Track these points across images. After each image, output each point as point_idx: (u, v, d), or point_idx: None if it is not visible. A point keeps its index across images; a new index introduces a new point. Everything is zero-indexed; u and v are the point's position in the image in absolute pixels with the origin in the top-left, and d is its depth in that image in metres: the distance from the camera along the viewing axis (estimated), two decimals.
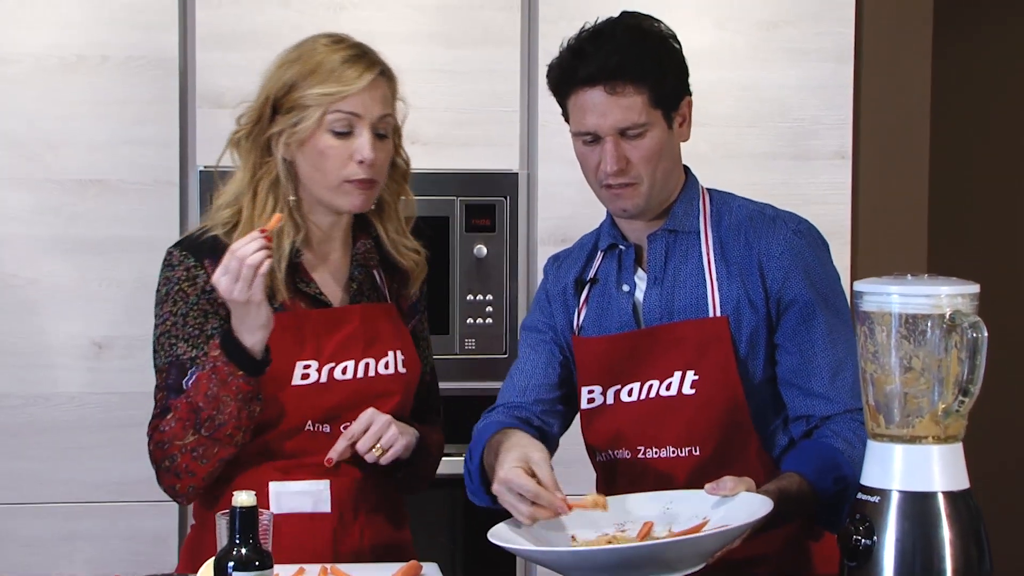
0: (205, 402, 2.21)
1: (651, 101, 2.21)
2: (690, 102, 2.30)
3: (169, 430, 2.25)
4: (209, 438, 2.22)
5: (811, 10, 3.66)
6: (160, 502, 3.46)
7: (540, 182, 3.58)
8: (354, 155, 2.28)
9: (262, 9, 3.49)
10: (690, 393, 2.23)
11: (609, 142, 2.21)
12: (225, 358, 2.20)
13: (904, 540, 1.86)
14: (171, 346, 2.29)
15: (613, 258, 2.36)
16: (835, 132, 3.68)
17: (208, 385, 2.21)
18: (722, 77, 3.61)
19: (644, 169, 2.22)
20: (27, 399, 3.43)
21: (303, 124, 2.28)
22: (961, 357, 1.85)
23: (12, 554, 3.41)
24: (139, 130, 3.45)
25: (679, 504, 2.10)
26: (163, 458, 2.27)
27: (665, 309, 2.27)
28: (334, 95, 2.27)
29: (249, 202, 2.32)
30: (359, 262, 2.41)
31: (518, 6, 3.58)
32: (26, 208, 3.42)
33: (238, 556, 1.83)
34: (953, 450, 1.89)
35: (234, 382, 2.20)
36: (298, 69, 2.31)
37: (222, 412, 2.21)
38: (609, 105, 2.20)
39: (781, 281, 2.24)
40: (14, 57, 3.42)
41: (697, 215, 2.31)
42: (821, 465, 2.12)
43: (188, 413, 2.23)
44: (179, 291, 2.30)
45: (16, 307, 3.42)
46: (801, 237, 2.27)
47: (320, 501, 2.32)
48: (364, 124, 2.29)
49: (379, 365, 2.36)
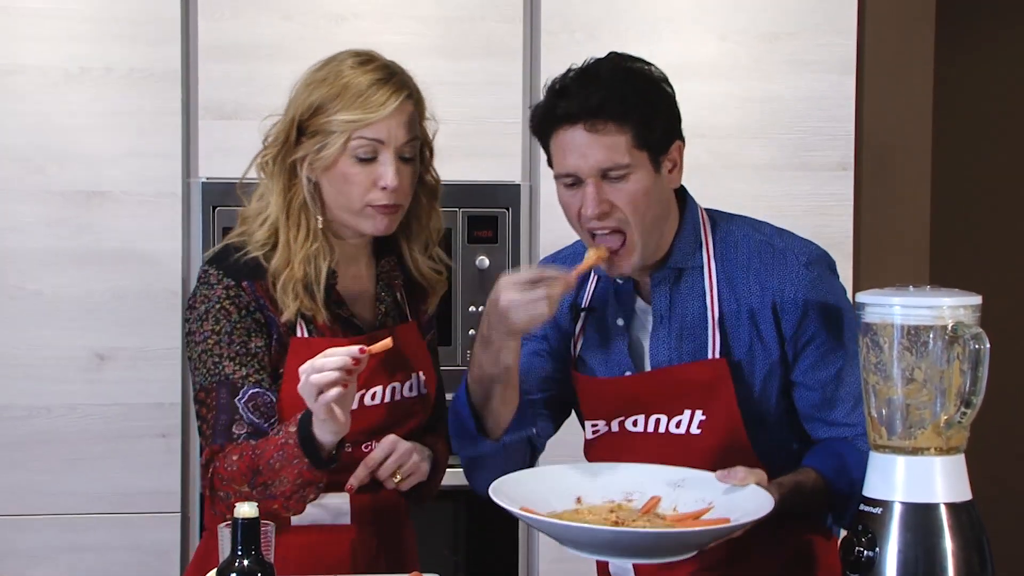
0: (266, 468, 2.18)
1: (635, 142, 2.11)
2: (681, 147, 2.20)
3: (228, 472, 2.22)
4: (261, 494, 2.20)
5: (813, 22, 3.67)
6: (162, 513, 3.47)
7: (542, 193, 3.58)
8: (377, 181, 2.25)
9: (264, 21, 3.50)
10: (696, 433, 2.21)
11: (590, 184, 2.12)
12: (297, 440, 2.15)
13: (906, 551, 1.85)
14: (215, 364, 2.25)
15: (609, 286, 2.29)
16: (837, 143, 3.69)
17: (273, 454, 2.17)
18: (724, 89, 3.62)
19: (630, 214, 2.13)
20: (29, 410, 3.43)
21: (327, 151, 2.25)
22: (963, 368, 1.85)
23: (14, 565, 3.41)
24: (142, 142, 3.46)
25: (689, 484, 2.10)
26: (219, 490, 2.24)
27: (674, 353, 2.22)
28: (358, 122, 2.23)
29: (284, 224, 2.29)
30: (384, 282, 2.41)
31: (520, 18, 3.58)
32: (29, 219, 3.43)
33: (240, 568, 1.83)
34: (955, 461, 1.89)
35: (299, 465, 2.16)
36: (324, 92, 2.26)
37: (279, 485, 2.18)
38: (590, 144, 2.10)
39: (796, 323, 2.18)
40: (18, 69, 3.42)
41: (699, 249, 2.23)
42: (841, 465, 2.12)
43: (248, 469, 2.20)
44: (220, 309, 2.26)
45: (19, 318, 3.42)
46: (812, 270, 2.20)
47: (340, 514, 2.32)
48: (388, 150, 2.25)
49: (404, 388, 2.37)
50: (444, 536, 3.59)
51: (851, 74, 3.69)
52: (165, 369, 3.46)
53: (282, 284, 2.25)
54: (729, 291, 2.21)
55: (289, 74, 3.45)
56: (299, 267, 2.26)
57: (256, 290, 2.27)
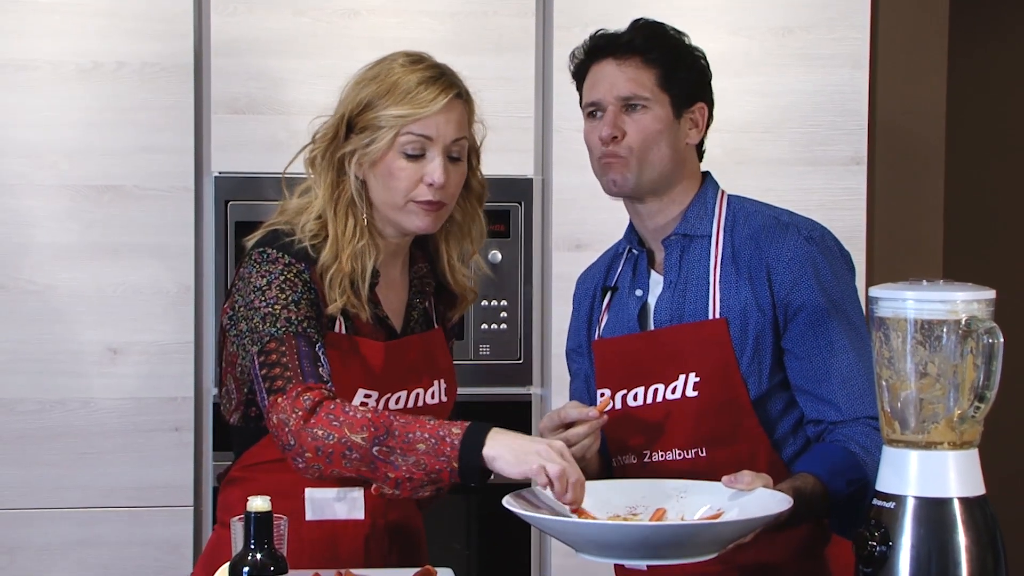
0: (403, 438, 2.08)
1: (659, 81, 2.27)
2: (704, 111, 2.33)
3: (346, 416, 2.10)
4: (362, 457, 2.10)
5: (826, 16, 3.66)
6: (175, 507, 3.48)
7: (555, 188, 3.58)
8: (425, 178, 2.25)
9: (277, 16, 3.50)
10: (693, 395, 2.24)
11: (610, 110, 2.26)
12: (458, 444, 2.06)
13: (920, 546, 1.85)
14: (287, 321, 2.18)
15: (630, 263, 2.38)
16: (850, 138, 3.68)
17: (420, 433, 2.08)
18: (737, 83, 3.61)
19: (637, 144, 2.26)
20: (43, 404, 3.44)
21: (375, 145, 2.25)
22: (977, 363, 1.85)
23: (28, 560, 3.43)
24: (155, 136, 3.46)
25: (694, 494, 2.10)
26: (316, 427, 2.10)
27: (676, 312, 2.28)
28: (407, 117, 2.24)
29: (332, 220, 2.28)
30: (417, 287, 2.41)
31: (532, 13, 3.58)
32: (42, 215, 3.44)
33: (253, 561, 1.83)
34: (969, 456, 1.88)
35: (445, 466, 2.06)
36: (374, 89, 2.27)
37: (404, 461, 2.08)
38: (616, 75, 2.27)
39: (789, 287, 2.23)
40: (31, 64, 3.43)
41: (711, 220, 2.31)
42: (834, 467, 2.12)
43: (378, 423, 2.09)
44: (285, 280, 2.22)
45: (32, 313, 3.43)
46: (813, 243, 2.26)
47: (355, 508, 2.31)
48: (436, 147, 2.26)
49: (427, 395, 2.37)
50: (456, 531, 3.59)
51: (864, 68, 3.68)
52: (178, 363, 3.47)
53: (330, 278, 2.25)
54: (731, 259, 2.27)
55: (301, 69, 3.49)
56: (347, 262, 2.25)
57: (312, 275, 2.25)
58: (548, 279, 3.60)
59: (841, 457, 2.14)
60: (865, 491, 2.03)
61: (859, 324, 2.24)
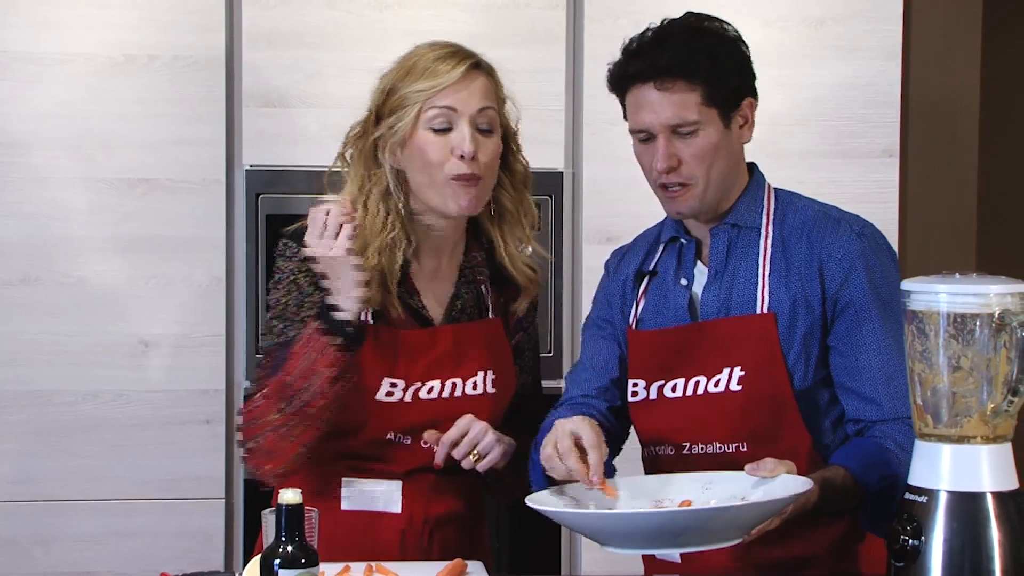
0: (297, 375, 2.20)
1: (705, 99, 2.20)
2: (752, 104, 2.29)
3: (257, 408, 2.24)
4: (295, 414, 2.21)
5: (859, 8, 3.65)
6: (208, 499, 3.50)
7: (585, 181, 3.58)
8: (454, 150, 2.25)
9: (309, 9, 3.51)
10: (737, 389, 2.23)
11: (661, 139, 2.20)
12: (322, 330, 2.20)
13: (952, 540, 1.84)
14: (284, 329, 2.28)
15: (674, 251, 2.35)
16: (883, 130, 3.66)
17: (301, 358, 2.20)
18: (769, 75, 3.56)
19: (697, 168, 2.21)
20: (77, 396, 3.46)
21: (401, 123, 2.26)
22: (1010, 356, 1.84)
23: (62, 551, 3.45)
24: (187, 129, 3.48)
25: (718, 485, 2.10)
26: (253, 436, 2.25)
27: (722, 305, 2.26)
28: (428, 90, 2.25)
29: (361, 211, 2.29)
30: (467, 277, 2.40)
31: (563, 5, 3.58)
32: (75, 207, 3.45)
33: (284, 554, 1.84)
34: (1002, 450, 1.88)
35: (330, 351, 2.19)
36: (395, 73, 2.30)
37: (312, 386, 2.19)
38: (661, 102, 2.20)
39: (839, 283, 2.21)
40: (64, 58, 3.45)
41: (760, 211, 2.29)
42: (867, 461, 2.11)
43: (279, 387, 2.21)
44: (292, 281, 2.30)
45: (66, 305, 3.45)
46: (864, 240, 2.24)
47: (391, 501, 2.32)
48: (463, 118, 2.26)
49: (467, 385, 2.35)
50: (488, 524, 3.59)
51: (897, 60, 3.66)
52: (210, 356, 3.48)
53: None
54: (781, 252, 2.25)
55: (333, 62, 3.50)
56: (373, 255, 2.26)
57: None
58: (579, 272, 3.60)
59: (875, 452, 2.13)
60: (896, 488, 2.02)
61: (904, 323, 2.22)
